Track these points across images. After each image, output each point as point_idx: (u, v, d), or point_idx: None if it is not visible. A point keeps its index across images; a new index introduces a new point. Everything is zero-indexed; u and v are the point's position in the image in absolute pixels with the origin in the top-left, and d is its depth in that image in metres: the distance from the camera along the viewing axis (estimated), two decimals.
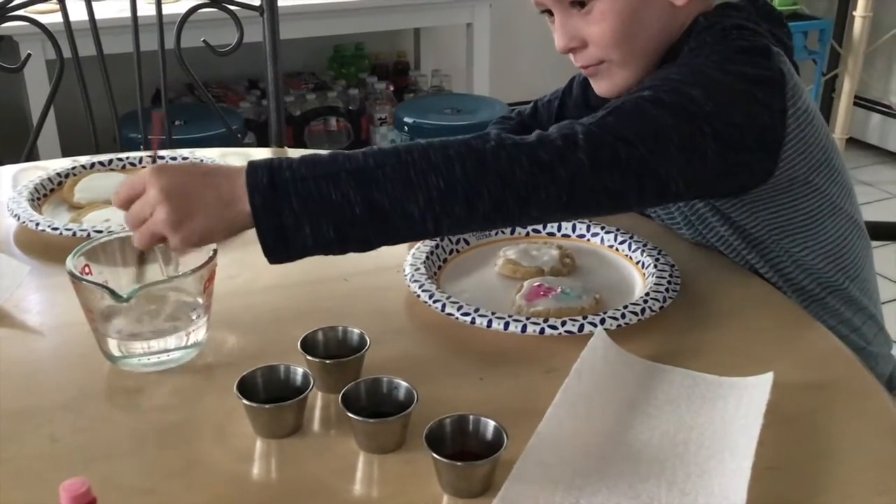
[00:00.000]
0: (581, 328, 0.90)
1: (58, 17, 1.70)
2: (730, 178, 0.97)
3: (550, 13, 1.04)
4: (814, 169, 1.02)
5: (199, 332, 0.89)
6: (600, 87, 1.06)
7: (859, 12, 3.37)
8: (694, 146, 0.90)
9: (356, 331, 0.86)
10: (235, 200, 0.80)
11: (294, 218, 0.79)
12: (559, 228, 1.13)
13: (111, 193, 1.25)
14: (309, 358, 0.83)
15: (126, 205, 0.84)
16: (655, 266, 1.02)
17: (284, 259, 0.81)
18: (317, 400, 0.83)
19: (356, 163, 0.81)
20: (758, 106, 0.95)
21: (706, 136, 0.90)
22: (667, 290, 0.97)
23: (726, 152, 0.92)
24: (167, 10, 1.74)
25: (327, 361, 0.83)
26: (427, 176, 0.81)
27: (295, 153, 1.70)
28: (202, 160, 1.34)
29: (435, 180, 0.81)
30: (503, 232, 1.13)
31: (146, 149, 1.60)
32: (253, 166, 0.81)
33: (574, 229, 1.13)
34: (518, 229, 1.13)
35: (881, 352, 1.15)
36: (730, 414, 0.79)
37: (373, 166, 0.81)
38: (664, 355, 0.88)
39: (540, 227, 1.13)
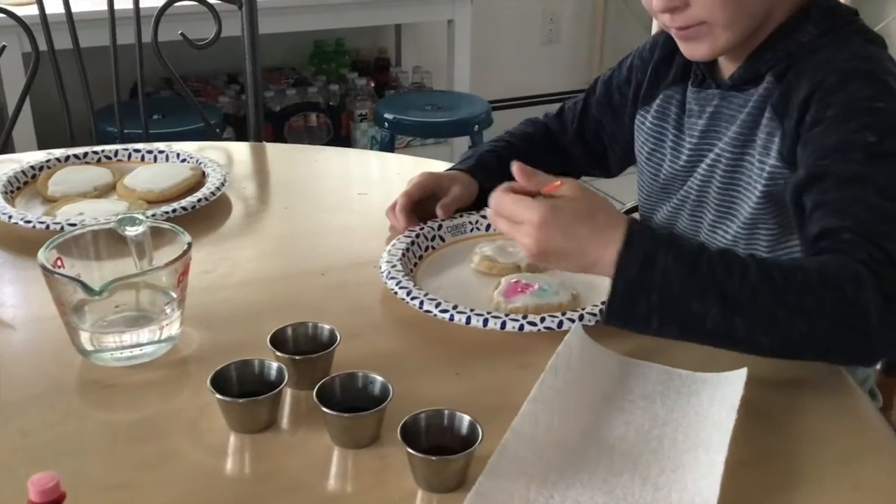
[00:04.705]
0: (560, 324, 0.90)
1: (34, 10, 1.68)
2: None
3: None
4: None
5: (172, 326, 0.89)
6: (698, 50, 1.00)
7: None
8: None
9: (327, 326, 0.86)
10: (599, 265, 0.81)
11: (647, 310, 0.79)
12: None
13: (85, 187, 1.25)
14: (278, 354, 0.82)
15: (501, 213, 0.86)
16: None
17: (617, 327, 0.82)
18: (291, 395, 0.82)
19: (731, 285, 0.78)
20: None
21: None
22: None
23: None
24: (144, 2, 1.73)
25: (296, 357, 0.82)
26: (795, 319, 0.77)
27: (283, 149, 1.70)
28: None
29: (801, 325, 0.77)
30: (478, 228, 1.13)
31: (122, 142, 1.59)
32: (630, 243, 0.80)
33: None
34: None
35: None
36: (703, 409, 0.79)
37: (747, 296, 0.78)
38: (640, 351, 0.88)
39: None
